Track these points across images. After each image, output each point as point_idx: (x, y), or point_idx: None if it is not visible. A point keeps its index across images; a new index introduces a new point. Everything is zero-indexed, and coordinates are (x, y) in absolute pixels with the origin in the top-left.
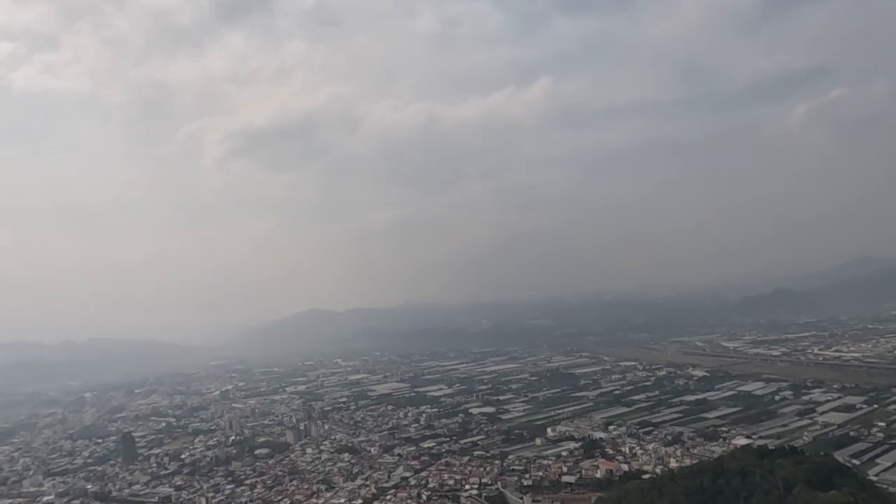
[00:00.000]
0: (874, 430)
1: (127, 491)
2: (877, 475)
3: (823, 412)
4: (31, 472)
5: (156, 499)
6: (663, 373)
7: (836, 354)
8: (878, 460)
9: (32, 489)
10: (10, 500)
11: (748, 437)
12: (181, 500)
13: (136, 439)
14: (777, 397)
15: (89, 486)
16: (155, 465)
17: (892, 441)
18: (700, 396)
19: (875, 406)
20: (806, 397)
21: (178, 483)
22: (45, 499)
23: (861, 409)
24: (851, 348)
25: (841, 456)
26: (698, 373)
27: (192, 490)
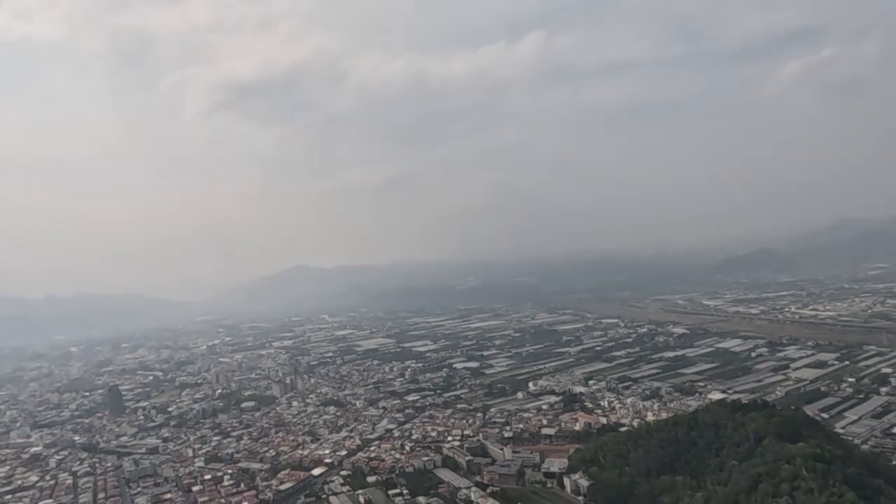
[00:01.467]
0: (844, 385)
1: (114, 442)
2: (843, 428)
3: (797, 368)
4: (19, 424)
5: (143, 450)
6: (644, 330)
7: (813, 313)
8: (845, 414)
9: (20, 440)
10: None
11: (723, 391)
12: (168, 451)
13: (123, 393)
14: (753, 354)
15: (77, 438)
16: (142, 417)
17: (860, 396)
18: (679, 353)
19: (847, 363)
20: (781, 354)
21: (166, 435)
22: (33, 449)
23: (833, 365)
24: (828, 307)
25: (811, 410)
26: (678, 330)
27: (179, 441)
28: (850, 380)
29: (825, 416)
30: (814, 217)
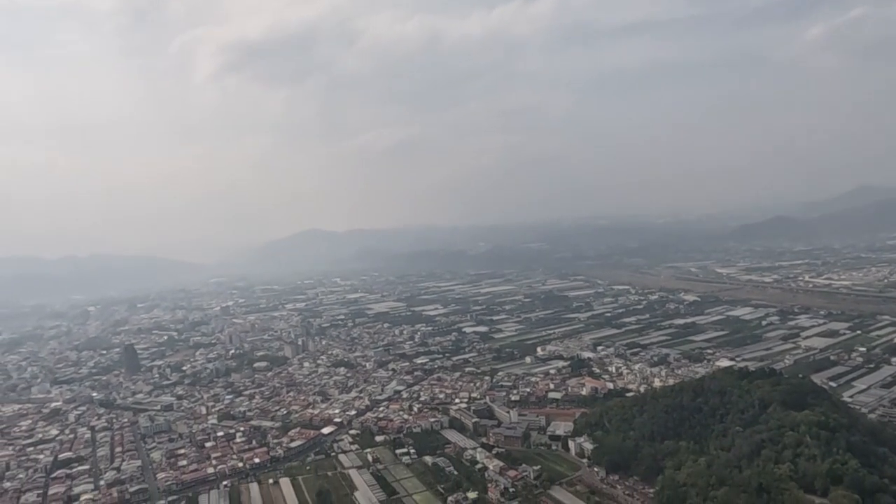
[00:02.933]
0: (854, 354)
1: (130, 399)
2: (851, 397)
3: (807, 337)
4: (39, 380)
5: (158, 407)
6: (655, 297)
7: (827, 282)
8: (854, 383)
9: (40, 396)
10: (20, 406)
11: (732, 359)
12: (182, 408)
13: (139, 351)
14: (764, 322)
15: (94, 394)
16: (157, 375)
17: (870, 366)
18: (689, 320)
19: (858, 332)
20: (792, 322)
21: (180, 393)
22: (53, 405)
23: (844, 334)
24: (842, 276)
25: (819, 378)
26: (689, 297)
27: (192, 399)
28: (861, 349)
29: (833, 384)
30: (832, 184)
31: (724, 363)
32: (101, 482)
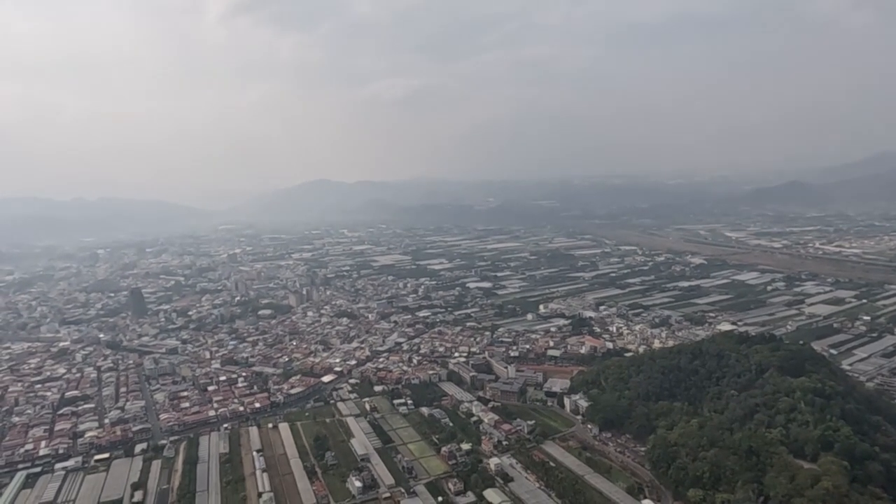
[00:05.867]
0: (858, 323)
1: (136, 342)
2: (850, 365)
3: (812, 304)
4: (48, 320)
5: (163, 350)
6: (662, 258)
7: (837, 249)
8: (855, 351)
9: (49, 335)
10: (29, 344)
11: (733, 323)
12: (187, 352)
13: (146, 295)
14: (769, 288)
15: (101, 336)
16: (163, 319)
17: (873, 335)
18: (694, 283)
19: (864, 301)
20: (798, 289)
21: (185, 337)
22: (61, 344)
23: (850, 302)
24: (854, 244)
25: (820, 346)
26: (696, 260)
27: (197, 344)
28: (866, 318)
29: (833, 352)
30: (853, 149)
31: (726, 327)
32: (106, 420)
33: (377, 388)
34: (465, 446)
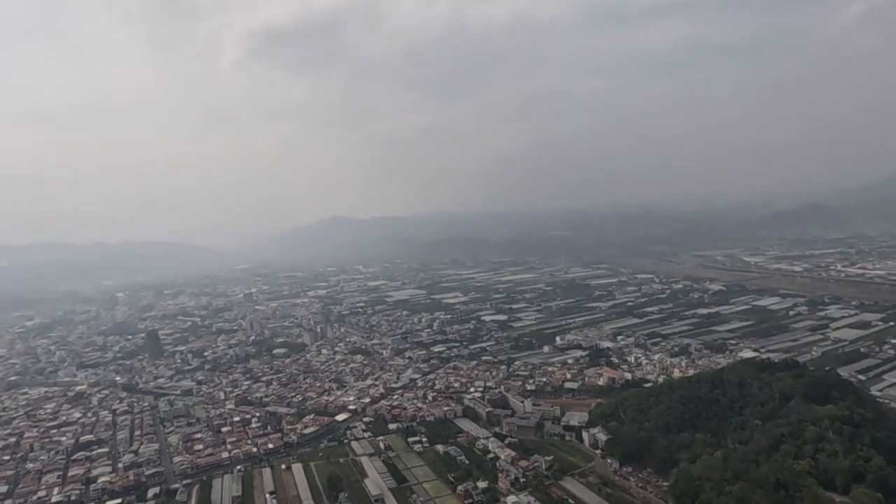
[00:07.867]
0: (886, 346)
1: (152, 383)
2: (881, 391)
3: (837, 328)
4: (66, 364)
5: (178, 391)
6: (679, 286)
7: (860, 271)
8: (884, 376)
9: (66, 379)
10: (47, 388)
11: (755, 350)
12: (201, 393)
13: (163, 337)
14: (791, 313)
15: (118, 378)
16: (179, 360)
17: None
18: (713, 310)
19: (891, 323)
20: (821, 313)
21: (200, 378)
22: (78, 388)
23: (877, 325)
24: (877, 265)
25: (847, 371)
26: (715, 287)
27: (212, 384)
28: (894, 341)
29: (861, 378)
30: (870, 170)
31: (748, 354)
32: (119, 465)
33: (391, 426)
34: (482, 484)
